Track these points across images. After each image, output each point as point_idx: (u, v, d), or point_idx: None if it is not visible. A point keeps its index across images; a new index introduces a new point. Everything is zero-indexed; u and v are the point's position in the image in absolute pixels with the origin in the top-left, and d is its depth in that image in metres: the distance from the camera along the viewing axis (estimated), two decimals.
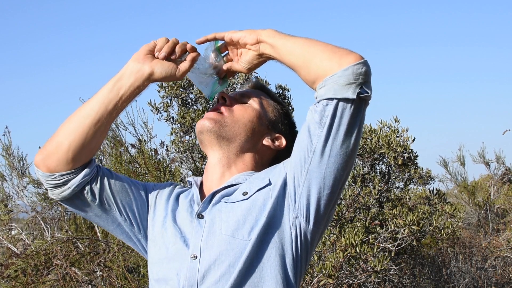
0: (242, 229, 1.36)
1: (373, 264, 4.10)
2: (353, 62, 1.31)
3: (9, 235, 5.30)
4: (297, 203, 1.37)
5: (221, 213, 1.40)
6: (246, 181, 1.47)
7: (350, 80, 1.30)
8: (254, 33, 1.44)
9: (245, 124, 1.52)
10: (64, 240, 4.37)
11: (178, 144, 4.94)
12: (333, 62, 1.32)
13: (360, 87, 1.31)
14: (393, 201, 4.71)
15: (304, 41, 1.40)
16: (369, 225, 4.40)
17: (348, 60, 1.32)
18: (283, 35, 1.43)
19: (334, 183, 1.36)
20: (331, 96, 1.31)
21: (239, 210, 1.39)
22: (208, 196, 1.46)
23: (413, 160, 4.77)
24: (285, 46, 1.40)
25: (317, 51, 1.36)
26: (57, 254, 4.09)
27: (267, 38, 1.43)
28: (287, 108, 1.67)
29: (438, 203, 4.90)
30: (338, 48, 1.36)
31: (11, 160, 5.51)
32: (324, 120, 1.32)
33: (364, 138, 4.67)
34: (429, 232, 4.72)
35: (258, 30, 1.45)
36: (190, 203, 1.50)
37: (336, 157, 1.33)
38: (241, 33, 1.46)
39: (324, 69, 1.33)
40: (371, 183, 4.65)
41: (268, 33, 1.44)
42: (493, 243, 7.02)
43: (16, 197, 5.53)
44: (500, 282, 6.20)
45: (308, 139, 1.35)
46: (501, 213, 8.82)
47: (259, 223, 1.35)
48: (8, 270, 4.15)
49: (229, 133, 1.50)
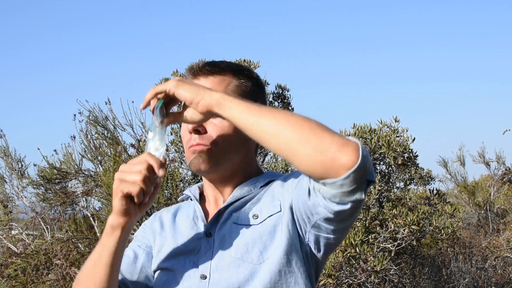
0: (251, 253, 1.32)
1: (373, 264, 4.10)
2: (352, 165, 1.08)
3: (9, 235, 5.31)
4: (307, 236, 1.34)
5: (231, 234, 1.37)
6: (255, 198, 1.42)
7: (355, 184, 1.11)
8: (204, 103, 1.20)
9: (232, 141, 1.40)
10: (64, 240, 4.37)
11: (178, 144, 4.94)
12: (327, 168, 1.10)
13: (366, 182, 1.14)
14: (393, 201, 4.71)
15: (274, 122, 1.13)
16: (369, 225, 4.40)
17: (345, 165, 1.08)
18: (245, 107, 1.17)
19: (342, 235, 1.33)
20: (338, 201, 1.16)
21: (249, 234, 1.35)
22: (215, 214, 1.42)
23: (413, 160, 4.77)
24: (252, 125, 1.16)
25: (298, 144, 1.11)
26: (57, 254, 4.09)
27: (222, 111, 1.19)
28: (249, 72, 1.48)
29: (438, 203, 4.90)
30: (323, 140, 1.09)
31: (9, 161, 5.51)
32: (329, 212, 1.21)
33: (364, 138, 4.67)
34: (429, 232, 4.72)
35: (206, 94, 1.20)
36: (194, 220, 1.46)
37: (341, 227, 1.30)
38: (186, 93, 1.21)
39: (316, 173, 1.12)
40: None
41: (223, 104, 1.19)
42: (493, 243, 7.02)
43: (16, 197, 5.54)
44: (500, 282, 6.20)
45: (310, 210, 1.25)
46: (501, 213, 8.81)
47: (269, 248, 1.32)
48: (8, 269, 4.15)
49: (223, 160, 1.41)
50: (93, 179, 4.91)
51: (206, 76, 1.42)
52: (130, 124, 4.89)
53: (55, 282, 4.05)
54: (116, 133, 4.86)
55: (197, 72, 1.42)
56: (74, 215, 5.21)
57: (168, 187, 4.38)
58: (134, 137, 4.89)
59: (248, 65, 5.52)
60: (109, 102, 4.96)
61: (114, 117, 4.92)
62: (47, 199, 5.16)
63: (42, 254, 4.20)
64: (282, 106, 5.88)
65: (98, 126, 4.89)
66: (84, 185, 5.00)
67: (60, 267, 4.05)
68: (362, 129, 4.76)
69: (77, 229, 4.96)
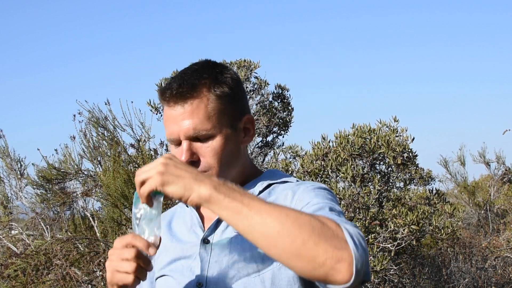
0: (248, 266, 1.32)
1: (372, 264, 4.10)
2: (346, 281, 1.07)
3: (9, 235, 5.31)
4: None
5: (230, 244, 1.35)
6: None
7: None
8: (194, 200, 1.13)
9: (227, 158, 1.38)
10: (64, 240, 4.38)
11: None
12: (320, 280, 1.09)
13: (361, 282, 1.13)
14: (393, 201, 4.71)
15: (266, 228, 1.09)
16: (368, 224, 4.40)
17: (339, 281, 1.07)
18: (235, 208, 1.11)
19: None
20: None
21: (248, 246, 1.32)
22: (214, 221, 1.40)
23: (413, 159, 4.78)
24: (242, 228, 1.12)
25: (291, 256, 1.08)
26: (57, 254, 4.10)
27: (213, 207, 1.13)
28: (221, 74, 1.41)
29: (438, 203, 4.90)
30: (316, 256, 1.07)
31: (8, 162, 5.51)
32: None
33: (363, 138, 4.67)
34: (428, 232, 4.73)
35: (195, 189, 1.13)
36: (191, 226, 1.45)
37: None
38: (175, 191, 1.14)
39: (310, 279, 1.12)
40: (370, 183, 4.65)
41: (213, 201, 1.12)
42: (493, 243, 7.02)
43: (15, 198, 5.54)
44: (500, 282, 6.21)
45: None
46: (501, 213, 8.82)
47: (267, 262, 1.31)
48: (8, 269, 4.15)
49: (222, 176, 1.33)
50: (93, 179, 4.92)
51: (182, 104, 1.35)
52: (130, 125, 4.91)
53: (55, 282, 4.05)
54: (115, 133, 4.87)
55: (171, 100, 1.36)
56: (73, 216, 5.21)
57: None
58: (134, 137, 4.90)
59: (248, 65, 5.52)
60: (109, 103, 4.98)
61: (113, 117, 4.93)
62: (47, 199, 5.17)
63: (42, 254, 4.21)
64: (282, 105, 5.88)
65: (97, 126, 4.90)
66: (84, 185, 5.01)
67: (60, 267, 4.06)
68: (361, 129, 4.76)
69: (76, 230, 4.97)
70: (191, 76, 1.38)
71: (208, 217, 1.44)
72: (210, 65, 1.43)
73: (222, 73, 1.42)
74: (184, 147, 1.36)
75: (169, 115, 1.38)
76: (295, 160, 5.66)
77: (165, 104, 1.38)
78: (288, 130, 5.94)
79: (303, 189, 1.37)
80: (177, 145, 1.39)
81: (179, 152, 1.37)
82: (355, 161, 4.69)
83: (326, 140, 4.90)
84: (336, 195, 4.38)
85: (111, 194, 4.14)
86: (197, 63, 1.45)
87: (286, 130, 5.94)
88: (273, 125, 5.79)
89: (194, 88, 1.36)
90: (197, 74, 1.39)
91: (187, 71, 1.41)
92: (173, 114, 1.37)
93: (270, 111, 5.69)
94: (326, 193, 1.36)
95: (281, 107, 5.87)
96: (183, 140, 1.36)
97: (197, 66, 1.42)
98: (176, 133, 1.36)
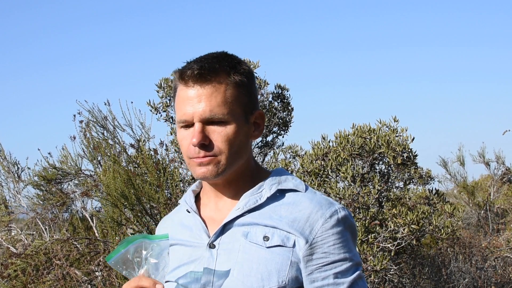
0: (253, 276, 1.31)
1: (372, 264, 4.10)
2: None
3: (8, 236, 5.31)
4: None
5: (237, 250, 1.35)
6: (263, 212, 1.38)
7: None
8: None
9: (236, 147, 1.38)
10: (63, 240, 4.38)
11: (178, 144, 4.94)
12: None
13: None
14: (393, 201, 4.71)
15: None
16: (368, 224, 4.40)
17: None
18: None
19: None
20: None
21: (255, 255, 1.32)
22: (220, 227, 1.39)
23: (413, 159, 4.78)
24: None
25: None
26: (57, 254, 4.10)
27: None
28: (239, 64, 1.42)
29: (437, 203, 4.90)
30: None
31: (6, 164, 5.51)
32: None
33: (363, 138, 4.67)
34: (428, 232, 4.73)
35: None
36: (196, 231, 1.43)
37: None
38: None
39: None
40: (370, 183, 4.65)
41: None
42: (493, 243, 7.02)
43: (13, 200, 5.53)
44: (500, 282, 6.20)
45: None
46: (501, 213, 8.83)
47: (273, 275, 1.31)
48: (8, 269, 4.15)
49: (230, 166, 1.38)
50: (92, 179, 4.92)
51: (201, 85, 1.35)
52: (130, 125, 4.91)
53: (55, 282, 4.05)
54: (115, 133, 4.87)
55: (190, 79, 1.36)
56: (71, 217, 5.21)
57: (168, 187, 4.38)
58: (134, 137, 4.90)
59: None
60: (108, 103, 4.98)
61: (113, 118, 4.93)
62: (47, 200, 5.17)
63: (42, 254, 4.21)
64: (281, 105, 5.89)
65: (97, 126, 4.91)
66: (84, 185, 5.01)
67: (60, 267, 4.06)
68: (361, 129, 4.76)
69: (74, 231, 4.97)
70: (212, 61, 1.38)
71: (211, 221, 1.43)
72: (229, 55, 1.43)
73: (240, 64, 1.42)
74: (197, 128, 1.35)
75: (185, 95, 1.37)
76: (295, 160, 5.67)
77: (182, 84, 1.37)
78: (288, 130, 5.95)
79: (326, 241, 1.34)
80: (187, 127, 1.38)
81: (189, 135, 1.37)
82: (355, 161, 4.70)
83: (326, 140, 4.91)
84: (336, 195, 4.38)
85: (111, 194, 4.14)
86: (215, 52, 1.44)
87: (286, 130, 5.95)
88: (273, 125, 5.79)
89: (215, 71, 1.36)
90: (218, 60, 1.39)
91: (207, 57, 1.41)
92: (190, 94, 1.36)
93: (270, 111, 5.69)
94: (347, 243, 1.35)
95: (281, 107, 5.88)
96: (196, 122, 1.35)
97: (215, 54, 1.43)
98: (190, 114, 1.35)
